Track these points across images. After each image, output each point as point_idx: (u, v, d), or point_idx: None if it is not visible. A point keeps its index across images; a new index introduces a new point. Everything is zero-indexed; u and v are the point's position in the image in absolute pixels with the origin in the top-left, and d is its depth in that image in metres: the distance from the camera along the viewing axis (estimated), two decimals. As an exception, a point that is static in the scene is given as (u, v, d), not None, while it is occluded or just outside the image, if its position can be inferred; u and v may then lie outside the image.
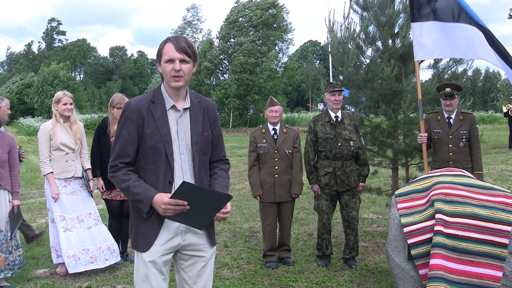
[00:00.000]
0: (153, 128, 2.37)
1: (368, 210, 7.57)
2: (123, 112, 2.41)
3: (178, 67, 2.34)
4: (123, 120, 2.40)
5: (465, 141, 4.89)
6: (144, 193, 2.30)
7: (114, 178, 2.40)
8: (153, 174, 2.37)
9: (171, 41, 2.39)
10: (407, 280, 3.73)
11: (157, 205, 2.27)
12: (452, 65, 5.91)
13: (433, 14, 4.73)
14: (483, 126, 24.97)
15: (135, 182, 2.33)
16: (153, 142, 2.36)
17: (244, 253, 5.45)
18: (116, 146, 2.41)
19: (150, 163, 2.37)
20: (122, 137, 2.38)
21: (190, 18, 38.33)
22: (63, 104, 4.83)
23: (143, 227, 2.38)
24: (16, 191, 4.56)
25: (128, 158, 2.38)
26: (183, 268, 2.51)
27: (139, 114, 2.37)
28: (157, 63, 2.48)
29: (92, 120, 26.28)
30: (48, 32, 71.45)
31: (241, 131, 29.35)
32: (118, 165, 2.38)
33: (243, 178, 11.11)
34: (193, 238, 2.46)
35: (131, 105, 2.40)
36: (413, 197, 3.83)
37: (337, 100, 4.94)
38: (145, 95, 2.47)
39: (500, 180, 9.51)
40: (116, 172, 2.38)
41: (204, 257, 2.49)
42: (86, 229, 4.82)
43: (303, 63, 64.52)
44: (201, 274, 2.50)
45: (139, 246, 2.40)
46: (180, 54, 2.35)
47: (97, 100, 58.01)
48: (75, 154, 4.89)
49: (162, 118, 2.39)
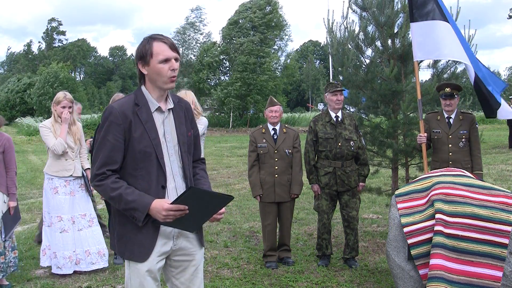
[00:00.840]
0: (141, 131, 2.26)
1: (368, 210, 7.57)
2: (106, 117, 2.27)
3: (176, 66, 2.28)
4: (108, 125, 2.25)
5: (465, 141, 4.89)
6: (139, 200, 2.19)
7: (102, 187, 2.25)
8: (144, 180, 2.27)
9: (161, 40, 2.28)
10: (407, 280, 3.73)
11: (156, 212, 2.18)
12: (452, 64, 5.91)
13: (432, 14, 4.73)
14: (483, 126, 24.96)
15: (127, 189, 2.22)
16: (142, 146, 2.26)
17: (244, 253, 5.45)
18: (101, 153, 2.26)
19: (140, 168, 2.27)
20: (108, 143, 2.24)
21: (193, 19, 38.36)
22: (62, 107, 4.83)
23: (138, 236, 2.27)
24: (13, 193, 4.47)
25: (115, 164, 2.26)
26: (174, 275, 2.45)
27: (125, 118, 2.25)
28: (140, 64, 2.32)
29: (92, 120, 26.26)
30: (48, 32, 71.48)
31: (241, 131, 29.34)
32: (106, 173, 2.24)
33: (243, 178, 11.10)
34: (184, 242, 2.40)
35: (115, 109, 2.26)
36: (413, 197, 3.83)
37: (339, 100, 4.95)
38: (126, 98, 2.35)
39: (500, 180, 9.51)
40: (104, 180, 2.24)
41: (194, 260, 2.44)
42: (76, 231, 4.80)
43: (303, 63, 64.52)
44: (193, 278, 2.45)
45: (136, 256, 2.28)
46: (174, 52, 2.28)
47: (97, 100, 58.01)
48: (74, 153, 4.89)
49: (149, 121, 2.30)
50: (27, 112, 39.01)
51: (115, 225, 2.38)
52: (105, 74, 75.48)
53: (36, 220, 7.33)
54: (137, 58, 2.34)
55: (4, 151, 4.44)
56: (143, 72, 2.33)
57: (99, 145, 2.29)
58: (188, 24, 37.94)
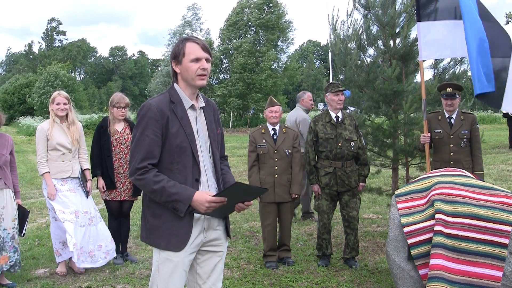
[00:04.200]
0: (177, 127, 2.39)
1: (368, 210, 7.57)
2: (144, 113, 2.37)
3: (206, 66, 2.41)
4: (147, 121, 2.36)
5: (466, 141, 4.89)
6: (182, 192, 2.31)
7: (144, 181, 2.34)
8: (180, 173, 2.38)
9: (194, 41, 2.42)
10: (407, 280, 3.73)
11: (198, 204, 2.29)
12: (453, 65, 5.91)
13: (438, 13, 4.73)
14: (483, 126, 24.94)
15: (169, 182, 2.32)
16: (178, 141, 2.38)
17: (244, 253, 5.45)
18: (140, 148, 2.35)
19: (177, 162, 2.38)
20: (147, 138, 2.35)
21: (190, 17, 38.36)
22: (56, 104, 4.84)
23: (175, 226, 2.38)
24: (18, 190, 4.70)
25: (155, 159, 2.37)
26: (199, 263, 2.55)
27: (162, 114, 2.37)
28: (173, 63, 2.46)
29: (92, 120, 26.24)
30: (48, 32, 71.46)
31: (241, 131, 29.32)
32: (147, 167, 2.34)
33: (243, 178, 11.09)
34: (213, 234, 2.52)
35: (153, 106, 2.37)
36: (413, 197, 3.83)
37: (340, 100, 4.95)
38: (162, 96, 2.46)
39: (500, 180, 9.50)
40: (146, 174, 2.33)
41: (221, 251, 2.57)
42: (79, 227, 4.79)
43: (303, 63, 64.50)
44: (215, 269, 2.56)
45: (172, 245, 2.38)
46: (205, 53, 2.42)
47: (97, 100, 58.01)
48: (72, 154, 4.88)
49: (184, 117, 2.43)
50: (26, 112, 39.01)
51: (148, 217, 2.45)
52: (105, 74, 75.45)
53: (36, 220, 7.33)
54: (171, 57, 2.48)
55: (11, 151, 4.64)
56: (176, 70, 2.47)
57: (137, 140, 2.38)
58: (185, 23, 37.95)
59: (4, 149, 4.52)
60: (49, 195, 4.72)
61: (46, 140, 4.80)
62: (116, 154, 5.03)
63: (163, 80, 35.43)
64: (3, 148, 4.51)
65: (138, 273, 4.83)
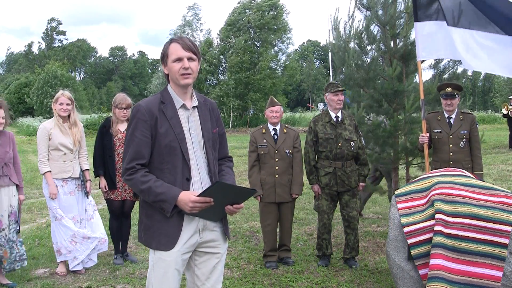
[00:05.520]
0: (166, 127, 2.41)
1: (368, 210, 7.57)
2: (134, 115, 2.42)
3: (187, 65, 2.41)
4: (135, 122, 2.40)
5: (466, 141, 4.89)
6: (167, 192, 2.32)
7: (132, 181, 2.38)
8: (170, 173, 2.40)
9: (176, 41, 2.44)
10: (407, 280, 3.73)
11: (183, 204, 2.30)
12: (453, 65, 5.91)
13: (437, 14, 4.73)
14: (483, 126, 24.94)
15: (156, 182, 2.35)
16: (167, 141, 2.39)
17: (244, 253, 5.45)
18: (129, 149, 2.40)
19: (166, 162, 2.40)
20: (136, 139, 2.39)
21: (191, 17, 38.35)
22: (59, 104, 4.85)
23: (164, 226, 2.40)
24: (22, 186, 4.72)
25: (144, 159, 2.39)
26: (197, 264, 2.55)
27: (151, 114, 2.40)
28: (162, 65, 2.51)
29: (92, 120, 26.24)
30: (48, 32, 71.43)
31: (241, 131, 29.32)
32: (135, 167, 2.37)
33: (243, 178, 11.09)
34: (209, 235, 2.51)
35: (141, 107, 2.41)
36: (413, 197, 3.83)
37: (340, 100, 4.95)
38: (153, 97, 2.50)
39: (500, 180, 9.51)
40: (134, 174, 2.37)
41: (219, 253, 2.55)
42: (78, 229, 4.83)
43: (303, 63, 64.50)
44: (214, 270, 2.55)
45: (162, 245, 2.40)
46: (187, 52, 2.43)
47: (97, 100, 57.98)
48: (73, 154, 4.88)
49: (174, 117, 2.44)
50: (26, 112, 38.98)
51: (142, 217, 2.49)
52: (105, 74, 75.44)
53: (36, 220, 7.33)
54: (160, 60, 2.54)
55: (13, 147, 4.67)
56: (165, 72, 2.50)
57: (128, 141, 2.44)
58: (186, 24, 37.93)
59: (7, 146, 4.55)
60: (51, 194, 4.72)
61: (48, 139, 4.80)
62: (119, 154, 5.03)
63: (163, 80, 35.45)
64: (6, 145, 4.54)
65: (138, 273, 4.83)
